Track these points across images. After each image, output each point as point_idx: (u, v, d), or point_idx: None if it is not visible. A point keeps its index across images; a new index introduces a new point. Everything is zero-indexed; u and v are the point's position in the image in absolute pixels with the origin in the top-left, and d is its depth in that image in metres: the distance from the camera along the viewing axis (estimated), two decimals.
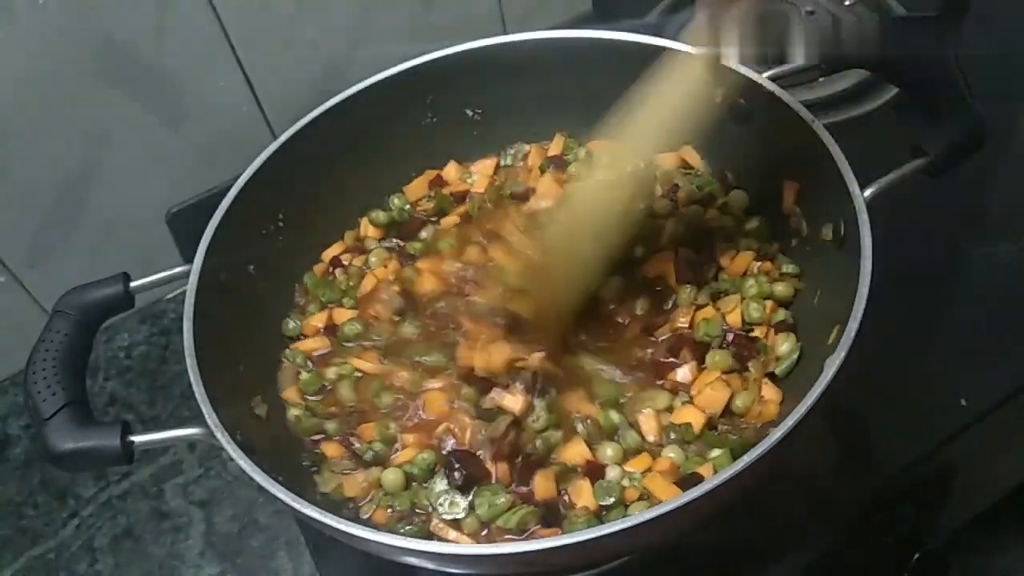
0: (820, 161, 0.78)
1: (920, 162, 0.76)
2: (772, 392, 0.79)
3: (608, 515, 0.73)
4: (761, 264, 0.87)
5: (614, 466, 0.75)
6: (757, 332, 0.82)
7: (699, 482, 0.62)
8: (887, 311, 0.70)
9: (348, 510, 0.78)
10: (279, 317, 0.92)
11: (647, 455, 0.76)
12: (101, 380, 1.08)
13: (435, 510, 0.75)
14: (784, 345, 0.81)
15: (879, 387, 0.87)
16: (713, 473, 0.71)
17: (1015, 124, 1.11)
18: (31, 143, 1.00)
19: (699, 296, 0.85)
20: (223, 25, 1.06)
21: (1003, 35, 1.15)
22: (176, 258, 1.11)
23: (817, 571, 0.89)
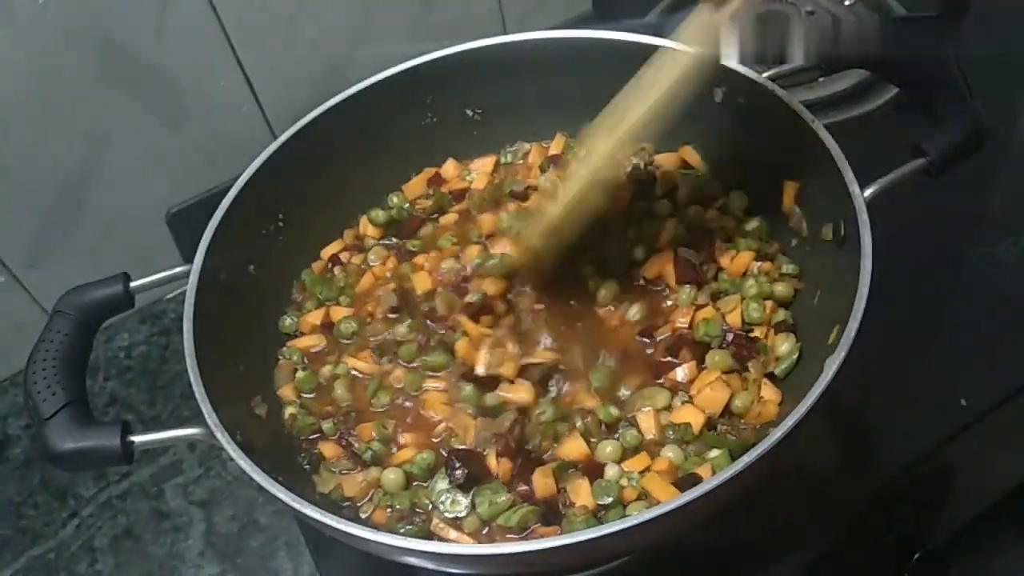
0: (820, 161, 0.78)
1: (920, 162, 0.76)
2: (772, 392, 0.79)
3: (606, 515, 0.73)
4: (761, 264, 0.87)
5: (612, 465, 0.75)
6: (757, 332, 0.82)
7: (697, 483, 0.62)
8: (887, 311, 0.70)
9: (348, 510, 0.78)
10: (279, 317, 0.92)
11: (645, 454, 0.76)
12: (101, 380, 1.08)
13: (436, 509, 0.76)
14: (784, 345, 0.81)
15: (879, 387, 0.87)
16: (712, 473, 0.71)
17: (1015, 124, 1.11)
18: (31, 143, 1.00)
19: (699, 296, 0.85)
20: (223, 25, 1.06)
21: (1003, 35, 1.15)
22: (176, 258, 1.11)
23: (817, 571, 0.89)
